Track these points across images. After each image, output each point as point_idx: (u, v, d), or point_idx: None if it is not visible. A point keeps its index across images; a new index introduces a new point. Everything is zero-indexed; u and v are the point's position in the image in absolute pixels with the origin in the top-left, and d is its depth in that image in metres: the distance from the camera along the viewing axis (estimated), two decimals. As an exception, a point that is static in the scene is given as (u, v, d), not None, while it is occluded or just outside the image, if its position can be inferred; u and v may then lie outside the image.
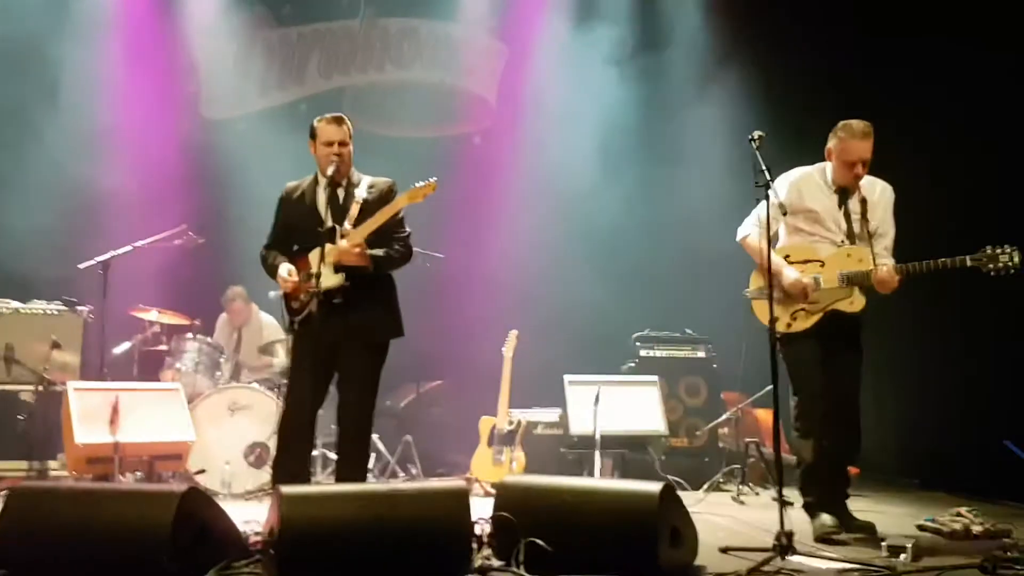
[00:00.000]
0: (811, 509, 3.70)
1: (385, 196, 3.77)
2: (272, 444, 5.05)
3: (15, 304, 5.30)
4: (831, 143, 3.76)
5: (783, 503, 3.05)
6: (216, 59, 6.98)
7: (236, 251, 5.91)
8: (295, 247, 3.83)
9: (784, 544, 2.94)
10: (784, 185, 3.78)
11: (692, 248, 6.24)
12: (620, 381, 5.46)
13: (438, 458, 5.95)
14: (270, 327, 5.96)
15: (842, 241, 3.73)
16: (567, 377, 5.38)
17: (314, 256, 3.70)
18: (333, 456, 5.22)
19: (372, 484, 4.18)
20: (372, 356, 3.78)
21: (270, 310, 6.00)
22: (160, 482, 4.66)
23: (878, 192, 3.80)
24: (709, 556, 3.08)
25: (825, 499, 3.68)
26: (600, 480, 3.58)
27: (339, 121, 3.77)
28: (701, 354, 5.84)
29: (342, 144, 3.74)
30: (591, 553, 2.79)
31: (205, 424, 4.97)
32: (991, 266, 3.45)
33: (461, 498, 2.78)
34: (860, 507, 3.99)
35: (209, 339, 5.53)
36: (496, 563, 2.86)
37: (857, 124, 3.70)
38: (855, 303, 3.68)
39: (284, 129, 6.92)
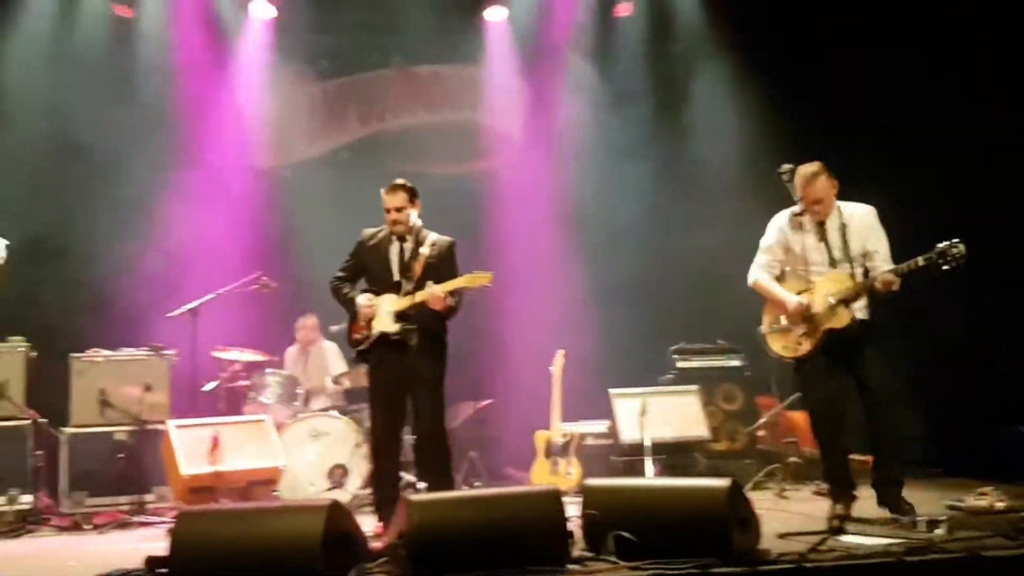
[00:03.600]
0: (832, 496, 4.18)
1: (444, 254, 4.34)
2: (350, 465, 5.58)
3: (105, 352, 5.79)
4: (797, 184, 4.25)
5: (838, 493, 3.49)
6: (264, 113, 7.51)
7: (300, 288, 6.48)
8: (363, 287, 4.39)
9: (837, 526, 3.41)
10: (770, 229, 4.37)
11: (717, 264, 6.71)
12: (662, 391, 5.94)
13: (493, 472, 6.43)
14: (332, 350, 6.50)
15: (827, 270, 4.21)
16: (612, 391, 5.87)
17: (381, 302, 4.26)
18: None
19: (480, 491, 4.71)
20: (431, 390, 4.31)
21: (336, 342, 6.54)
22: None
23: (857, 216, 4.28)
24: (769, 542, 3.53)
25: (842, 491, 4.12)
26: (672, 479, 4.04)
27: (394, 189, 4.35)
28: (735, 362, 6.33)
29: (398, 209, 4.31)
30: (671, 541, 3.24)
31: (290, 450, 5.46)
32: (944, 259, 3.84)
33: (556, 499, 3.26)
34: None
35: (285, 372, 6.03)
36: (589, 554, 3.32)
37: (805, 170, 4.21)
38: (841, 319, 4.14)
39: (328, 177, 7.50)
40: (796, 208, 4.25)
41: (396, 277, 4.29)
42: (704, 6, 7.44)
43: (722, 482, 3.31)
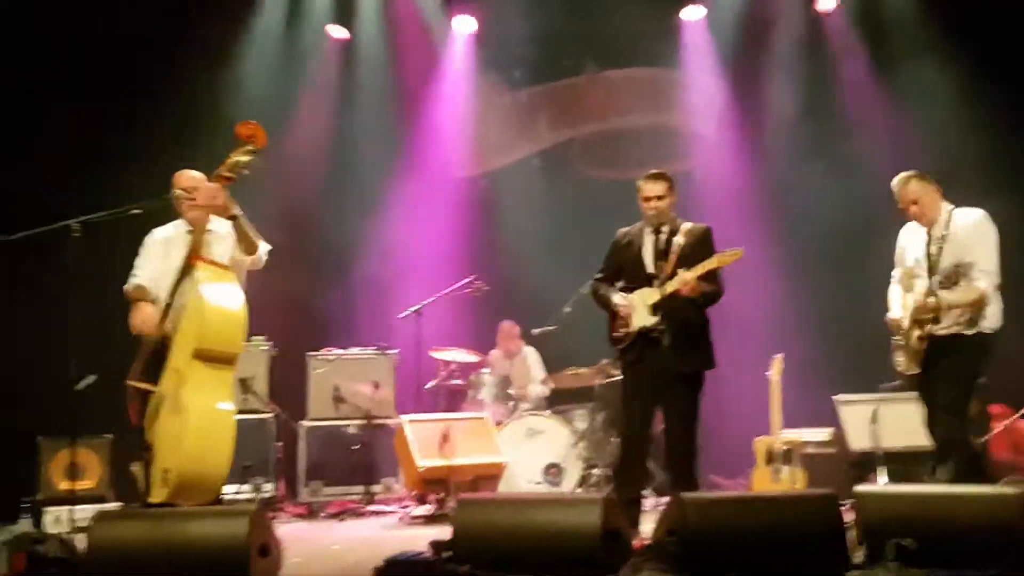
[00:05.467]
0: None
1: (701, 239, 4.28)
2: (564, 464, 5.68)
3: (337, 351, 6.18)
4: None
5: None
6: (467, 124, 7.79)
7: (501, 291, 6.66)
8: (620, 285, 4.41)
9: None
10: (898, 242, 4.39)
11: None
12: (893, 398, 5.66)
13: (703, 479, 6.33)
14: (533, 355, 6.63)
15: (926, 279, 4.13)
16: (839, 397, 5.65)
17: (636, 297, 4.26)
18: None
19: (754, 492, 4.77)
20: (689, 386, 4.26)
21: (536, 345, 6.68)
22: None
23: (961, 224, 4.10)
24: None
25: None
26: (956, 486, 3.85)
27: (655, 177, 4.33)
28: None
29: (659, 198, 4.29)
30: (956, 550, 3.08)
31: (507, 448, 5.62)
32: None
33: (834, 503, 3.17)
34: None
35: (499, 372, 6.22)
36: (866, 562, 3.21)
37: (898, 177, 4.24)
38: (913, 340, 4.16)
39: (521, 183, 7.69)
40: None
41: (650, 269, 4.26)
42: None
43: (1012, 489, 3.12)
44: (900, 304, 4.32)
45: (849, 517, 3.29)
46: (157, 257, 4.18)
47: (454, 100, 7.66)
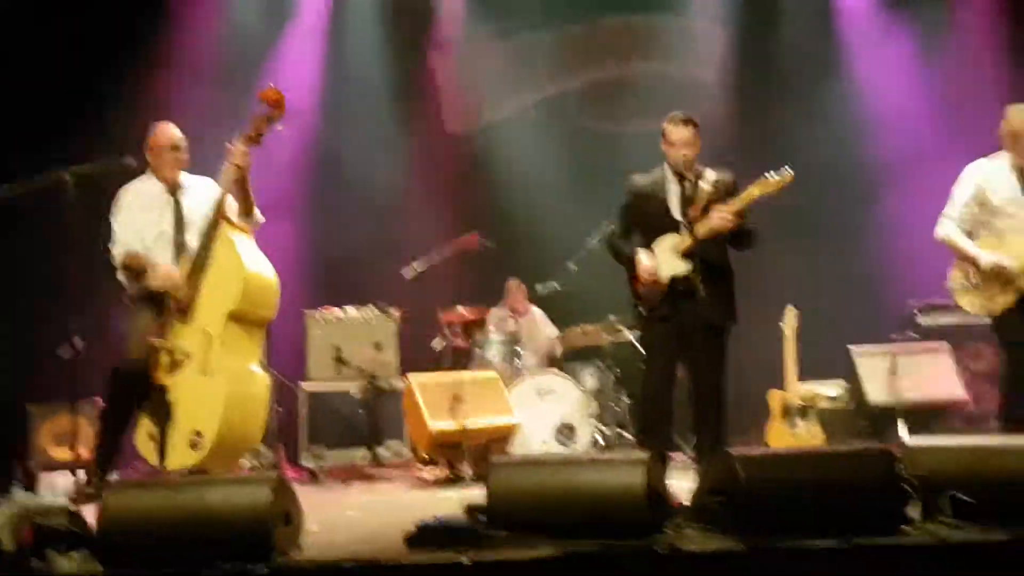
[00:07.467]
0: None
1: (729, 189, 4.07)
2: (577, 423, 5.53)
3: (336, 311, 5.94)
4: (1003, 129, 4.06)
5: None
6: (454, 77, 7.48)
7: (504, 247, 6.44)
8: (636, 240, 4.19)
9: None
10: (965, 179, 4.17)
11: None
12: (912, 349, 5.56)
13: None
14: (542, 317, 6.43)
15: None
16: (854, 348, 5.53)
17: (664, 246, 4.06)
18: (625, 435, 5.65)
19: (808, 448, 4.54)
20: (716, 339, 4.09)
21: (539, 303, 6.49)
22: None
23: None
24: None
25: None
26: (1011, 437, 3.75)
27: (685, 122, 4.09)
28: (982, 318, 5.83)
29: (687, 144, 4.06)
30: (1016, 506, 2.97)
31: (518, 409, 5.44)
32: None
33: (891, 460, 3.02)
34: None
35: (505, 330, 6.02)
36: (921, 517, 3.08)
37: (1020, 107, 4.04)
38: None
39: (519, 135, 7.42)
40: (1000, 154, 4.10)
41: (678, 216, 4.04)
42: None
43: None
44: (974, 245, 4.17)
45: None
46: (137, 211, 4.08)
47: (438, 48, 7.34)
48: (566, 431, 5.55)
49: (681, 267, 4.02)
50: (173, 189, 4.13)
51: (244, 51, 6.64)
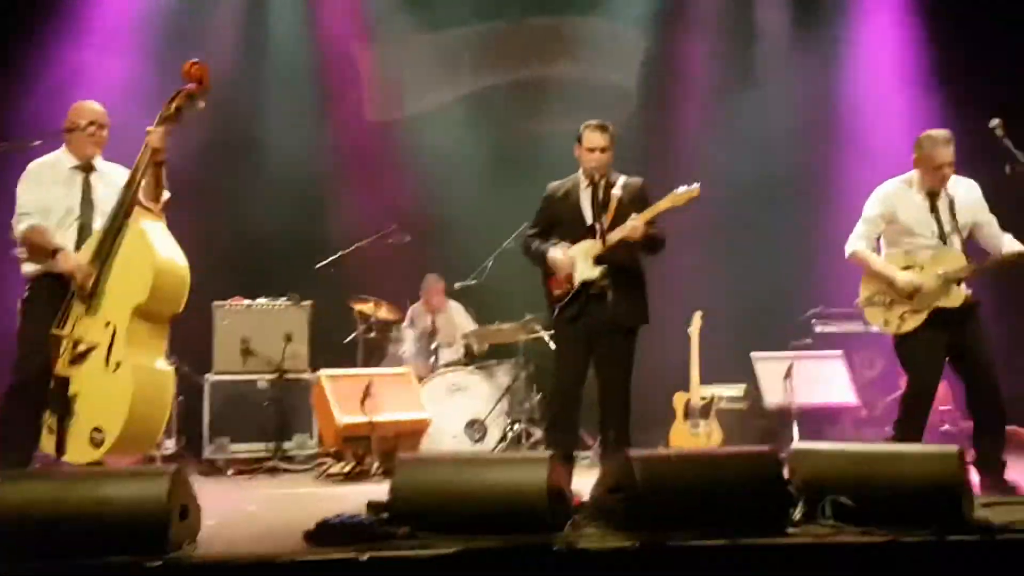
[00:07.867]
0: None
1: (638, 194, 4.19)
2: (488, 421, 5.58)
3: (246, 301, 5.83)
4: (916, 154, 4.18)
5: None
6: (377, 66, 7.41)
7: (423, 241, 6.43)
8: (555, 241, 4.26)
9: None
10: (875, 199, 4.26)
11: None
12: (807, 355, 5.82)
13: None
14: (460, 312, 6.46)
15: (936, 244, 4.12)
16: (754, 354, 5.76)
17: (576, 250, 4.15)
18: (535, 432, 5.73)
19: (698, 450, 4.72)
20: (624, 340, 4.20)
21: (457, 299, 6.52)
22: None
23: (963, 189, 4.18)
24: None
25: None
26: (891, 444, 3.95)
27: (602, 128, 4.18)
28: (876, 328, 6.13)
29: (603, 150, 4.16)
30: (893, 508, 3.13)
31: (429, 404, 5.46)
32: None
33: (775, 461, 3.17)
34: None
35: (420, 326, 6.02)
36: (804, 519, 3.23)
37: (939, 133, 4.14)
38: (954, 298, 4.06)
39: (441, 129, 7.41)
40: (909, 176, 4.20)
41: (590, 221, 4.14)
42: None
43: (950, 448, 3.20)
44: (888, 264, 4.23)
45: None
46: (47, 184, 3.85)
47: (361, 38, 7.26)
48: (476, 427, 5.60)
49: (593, 272, 4.12)
50: (87, 168, 3.92)
51: (162, 21, 6.42)
